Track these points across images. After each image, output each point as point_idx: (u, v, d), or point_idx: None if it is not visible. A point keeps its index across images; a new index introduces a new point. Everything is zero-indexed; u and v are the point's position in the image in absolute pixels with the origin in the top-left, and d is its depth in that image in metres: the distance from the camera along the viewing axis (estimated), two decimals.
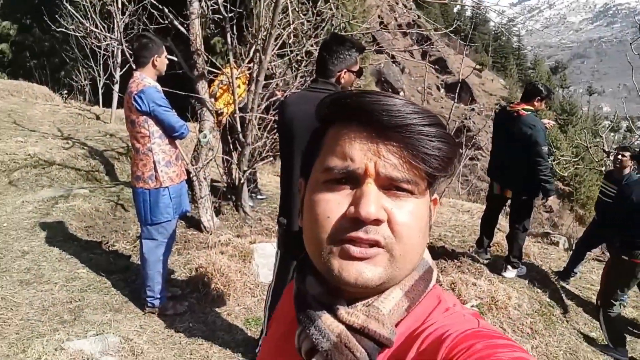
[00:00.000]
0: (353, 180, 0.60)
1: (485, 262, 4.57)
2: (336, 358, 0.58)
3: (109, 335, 2.88)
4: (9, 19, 16.64)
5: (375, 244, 0.58)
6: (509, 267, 4.34)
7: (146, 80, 3.09)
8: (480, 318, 0.63)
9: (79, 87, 12.69)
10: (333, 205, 0.60)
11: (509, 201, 4.55)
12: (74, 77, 12.54)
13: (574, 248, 5.59)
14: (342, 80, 2.42)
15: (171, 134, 3.18)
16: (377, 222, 0.57)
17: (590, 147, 9.34)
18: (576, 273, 5.38)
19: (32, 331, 2.89)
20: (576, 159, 11.74)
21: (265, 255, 3.97)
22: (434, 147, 0.59)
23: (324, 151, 0.64)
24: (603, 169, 8.95)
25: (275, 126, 5.75)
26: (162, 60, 3.19)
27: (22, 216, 4.53)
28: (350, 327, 0.59)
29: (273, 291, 2.68)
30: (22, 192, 5.19)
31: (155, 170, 3.12)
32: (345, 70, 2.40)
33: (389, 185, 0.59)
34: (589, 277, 5.69)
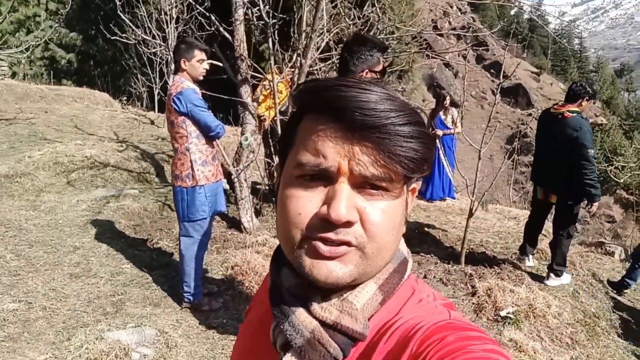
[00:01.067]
0: (326, 177, 0.58)
1: (528, 269, 4.41)
2: (309, 354, 0.58)
3: (146, 328, 3.01)
4: (76, 30, 17.75)
5: (345, 244, 0.57)
6: (552, 274, 4.15)
7: (185, 83, 3.23)
8: (452, 309, 0.63)
9: (137, 93, 13.34)
10: (305, 202, 0.59)
11: (554, 207, 4.37)
12: (132, 84, 13.20)
13: (631, 258, 5.29)
14: None
15: (208, 134, 3.29)
16: (348, 224, 0.56)
17: None
18: (630, 285, 5.08)
19: (77, 321, 3.07)
20: None
21: None
22: (409, 148, 0.57)
23: (297, 144, 0.61)
24: None
25: None
26: (192, 64, 3.23)
27: (76, 214, 4.82)
28: (323, 323, 0.59)
29: None
30: (78, 191, 5.52)
31: (192, 169, 3.23)
32: (367, 70, 2.41)
33: (362, 184, 0.58)
34: None
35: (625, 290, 5.12)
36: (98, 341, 2.82)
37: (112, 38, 7.51)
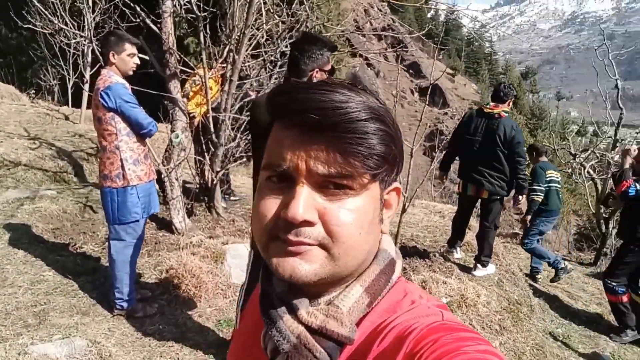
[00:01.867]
0: (287, 179, 0.59)
1: (456, 261, 4.64)
2: (297, 359, 0.59)
3: (75, 339, 2.81)
4: None
5: (306, 244, 0.57)
6: (479, 265, 4.41)
7: (113, 77, 3.05)
8: (445, 309, 0.64)
9: (47, 86, 12.37)
10: (270, 204, 0.60)
11: (479, 201, 4.63)
12: (41, 76, 12.22)
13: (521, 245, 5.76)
14: (314, 80, 2.43)
15: (139, 132, 3.13)
16: (307, 223, 0.57)
17: (558, 150, 9.62)
18: (539, 269, 5.53)
19: None
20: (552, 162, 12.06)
21: (237, 256, 3.94)
22: (366, 146, 0.57)
23: (267, 148, 0.63)
24: (569, 170, 9.23)
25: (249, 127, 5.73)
26: (122, 58, 3.08)
27: None
28: (309, 328, 0.59)
29: (245, 291, 2.66)
30: None
31: (123, 169, 3.06)
32: (317, 69, 2.40)
33: (324, 183, 0.58)
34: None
35: (538, 276, 5.56)
36: (21, 356, 2.58)
37: (24, 26, 6.88)
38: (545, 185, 5.29)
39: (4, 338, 2.77)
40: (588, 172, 7.19)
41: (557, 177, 5.57)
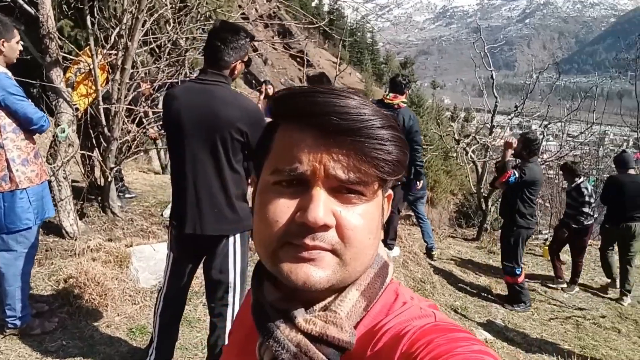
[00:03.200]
0: (302, 182, 0.58)
1: None
2: None
3: None
4: None
5: (321, 249, 0.57)
6: (386, 249, 4.64)
7: None
8: (436, 309, 0.65)
9: None
10: (282, 208, 0.58)
11: None
12: None
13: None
14: (236, 72, 2.34)
15: (28, 127, 2.78)
16: (325, 227, 0.57)
17: (443, 136, 10.40)
18: (432, 246, 5.97)
19: None
20: (431, 147, 12.98)
21: (144, 259, 3.70)
22: (385, 151, 0.58)
23: (274, 151, 0.62)
24: (454, 155, 10.03)
25: (147, 119, 5.38)
26: (11, 46, 2.76)
27: None
28: (309, 336, 0.58)
29: (164, 296, 2.51)
30: None
31: (9, 170, 2.71)
32: (239, 61, 2.32)
33: (338, 188, 0.58)
34: (448, 252, 6.35)
35: (433, 253, 5.99)
36: None
37: None
38: None
39: None
40: (470, 156, 7.87)
41: None
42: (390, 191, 0.69)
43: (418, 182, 4.75)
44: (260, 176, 0.64)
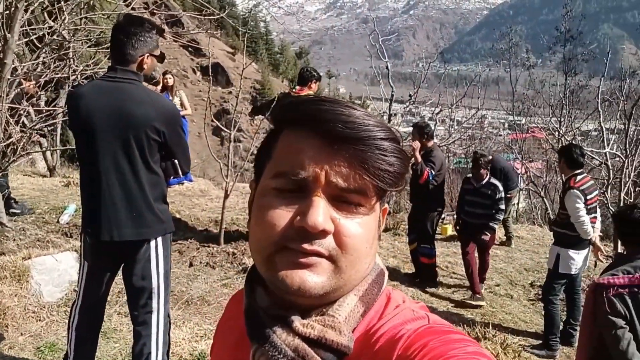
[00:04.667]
0: (303, 188, 0.58)
1: None
2: None
3: None
4: None
5: (318, 254, 0.57)
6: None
7: None
8: (428, 311, 0.66)
9: None
10: (281, 212, 0.58)
11: None
12: None
13: None
14: (145, 66, 2.23)
15: None
16: (323, 233, 0.57)
17: None
18: None
19: None
20: None
21: (46, 271, 3.40)
22: (388, 163, 0.58)
23: (276, 156, 0.62)
24: None
25: (29, 119, 4.91)
26: None
27: None
28: (306, 339, 0.58)
29: (80, 309, 2.35)
30: None
31: None
32: (147, 54, 2.21)
33: (338, 197, 0.58)
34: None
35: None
36: None
37: None
38: None
39: None
40: None
41: None
42: (386, 205, 0.69)
43: None
44: (260, 180, 0.64)
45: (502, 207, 5.00)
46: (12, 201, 5.11)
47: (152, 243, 2.27)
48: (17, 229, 4.39)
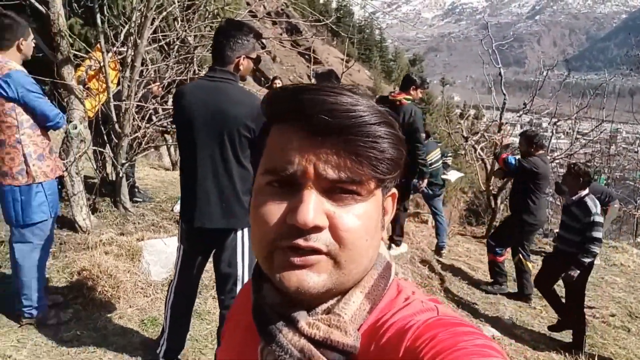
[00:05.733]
0: (293, 184, 0.57)
1: None
2: None
3: None
4: None
5: (316, 251, 0.56)
6: (393, 245, 4.68)
7: (10, 63, 2.75)
8: (438, 303, 0.64)
9: None
10: (273, 210, 0.57)
11: None
12: None
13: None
14: (241, 67, 2.39)
15: (44, 124, 2.86)
16: (317, 229, 0.55)
17: (451, 134, 10.39)
18: (444, 245, 6.00)
19: None
20: (440, 144, 12.96)
21: (155, 252, 3.77)
22: (379, 149, 0.56)
23: (266, 151, 0.61)
24: (462, 152, 10.02)
25: (157, 116, 5.45)
26: (28, 44, 2.88)
27: None
28: (312, 340, 0.57)
29: (175, 289, 2.58)
30: None
31: (26, 165, 2.78)
32: (243, 56, 2.37)
33: (332, 188, 0.56)
34: (456, 249, 6.37)
35: (442, 252, 6.03)
36: None
37: None
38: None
39: None
40: (479, 153, 7.87)
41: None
42: (394, 190, 0.67)
43: (421, 180, 4.75)
44: (255, 177, 0.63)
45: (597, 234, 3.98)
46: (136, 189, 5.72)
47: (239, 233, 2.41)
48: (137, 214, 4.90)
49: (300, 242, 0.55)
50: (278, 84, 7.54)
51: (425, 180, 4.80)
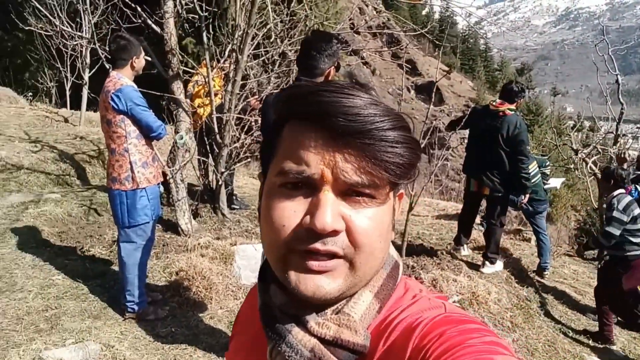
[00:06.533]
0: (309, 186, 0.56)
1: (464, 258, 4.64)
2: None
3: (89, 343, 2.79)
4: None
5: (333, 255, 0.55)
6: (487, 262, 4.41)
7: (123, 79, 3.05)
8: (445, 300, 0.63)
9: (45, 88, 12.29)
10: (288, 212, 0.56)
11: (485, 198, 4.62)
12: (39, 78, 12.15)
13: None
14: (329, 78, 2.42)
15: (149, 135, 3.12)
16: (334, 233, 0.55)
17: (559, 146, 9.62)
18: (547, 267, 5.52)
19: (7, 341, 2.77)
20: (545, 156, 12.09)
21: (246, 257, 3.92)
22: (396, 154, 0.55)
23: (280, 151, 0.60)
24: (572, 166, 9.23)
25: (255, 127, 5.71)
26: (140, 61, 3.18)
27: None
28: (322, 340, 0.57)
29: None
30: None
31: (132, 171, 3.05)
32: (332, 67, 2.40)
33: (348, 191, 0.56)
34: (562, 271, 5.85)
35: (545, 273, 5.56)
36: None
37: (24, 28, 6.76)
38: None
39: (17, 343, 2.75)
40: (590, 167, 7.21)
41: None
42: (401, 190, 0.66)
43: (523, 196, 4.44)
44: (267, 176, 0.62)
45: (609, 229, 4.02)
46: (234, 197, 6.01)
47: None
48: (234, 220, 5.15)
49: (318, 246, 0.55)
50: None
51: (527, 196, 4.48)
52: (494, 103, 4.44)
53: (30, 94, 12.44)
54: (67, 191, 5.46)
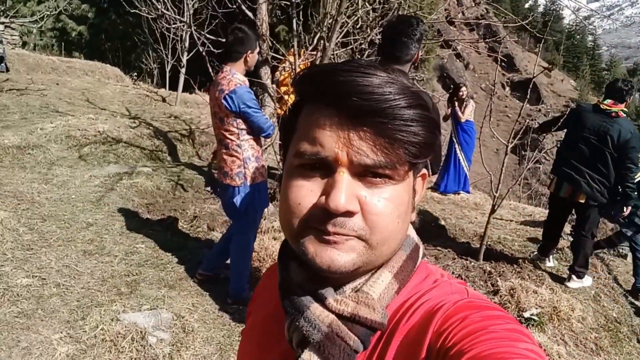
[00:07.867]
0: (325, 167, 0.56)
1: (548, 269, 4.31)
2: (329, 349, 0.57)
3: (162, 311, 2.95)
4: (88, 2, 17.51)
5: (345, 236, 0.56)
6: (574, 276, 4.06)
7: (236, 77, 3.04)
8: (467, 286, 0.63)
9: (148, 69, 13.19)
10: (305, 192, 0.57)
11: (576, 206, 4.23)
12: (143, 60, 13.04)
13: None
14: (416, 64, 2.35)
15: (259, 134, 3.17)
16: (348, 213, 0.55)
17: None
18: None
19: (92, 300, 3.00)
20: None
21: None
22: (410, 132, 0.55)
23: (297, 133, 0.60)
24: None
25: None
26: (254, 56, 3.14)
27: (88, 189, 4.74)
28: (340, 316, 0.58)
29: None
30: (90, 166, 5.44)
31: (245, 167, 3.11)
32: (417, 52, 2.32)
33: (363, 172, 0.56)
34: None
35: None
36: (114, 322, 2.76)
37: (131, 11, 7.25)
38: None
39: (99, 303, 2.97)
40: None
41: None
42: (424, 170, 0.65)
43: (625, 207, 4.02)
44: (286, 159, 0.63)
45: None
46: None
47: None
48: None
49: (330, 227, 0.55)
50: (463, 92, 7.20)
51: (629, 208, 4.06)
52: (605, 103, 4.02)
53: (135, 73, 13.41)
54: (158, 166, 5.81)
